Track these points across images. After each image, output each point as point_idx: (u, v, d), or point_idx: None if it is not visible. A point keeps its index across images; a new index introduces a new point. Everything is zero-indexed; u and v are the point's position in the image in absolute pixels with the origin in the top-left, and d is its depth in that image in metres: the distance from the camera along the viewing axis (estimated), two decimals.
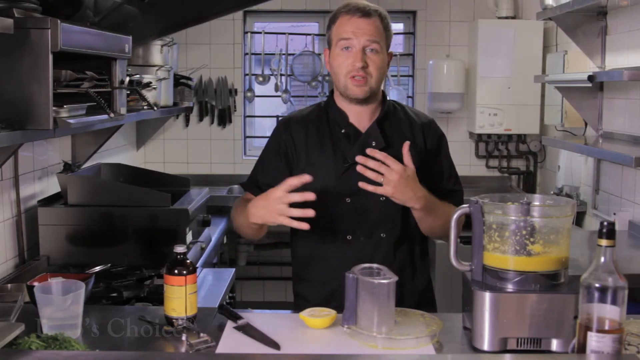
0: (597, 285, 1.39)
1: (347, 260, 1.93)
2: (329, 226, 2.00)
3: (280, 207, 1.80)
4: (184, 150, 4.69)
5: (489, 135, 4.49)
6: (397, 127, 2.04)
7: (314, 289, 2.06)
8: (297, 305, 2.09)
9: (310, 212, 1.78)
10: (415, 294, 2.04)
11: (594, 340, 1.40)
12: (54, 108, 1.94)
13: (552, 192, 3.86)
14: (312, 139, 2.03)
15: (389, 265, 1.76)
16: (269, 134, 2.15)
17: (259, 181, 2.08)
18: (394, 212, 2.00)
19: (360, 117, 2.03)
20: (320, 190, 1.89)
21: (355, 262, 1.76)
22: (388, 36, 2.00)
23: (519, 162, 4.62)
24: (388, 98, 2.12)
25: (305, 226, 1.78)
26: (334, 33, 1.99)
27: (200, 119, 4.66)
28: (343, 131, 2.02)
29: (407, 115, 2.09)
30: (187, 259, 1.74)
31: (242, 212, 1.98)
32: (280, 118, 2.18)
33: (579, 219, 3.56)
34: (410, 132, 2.04)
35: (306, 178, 1.81)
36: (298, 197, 1.79)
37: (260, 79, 4.70)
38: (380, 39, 1.95)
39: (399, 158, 1.90)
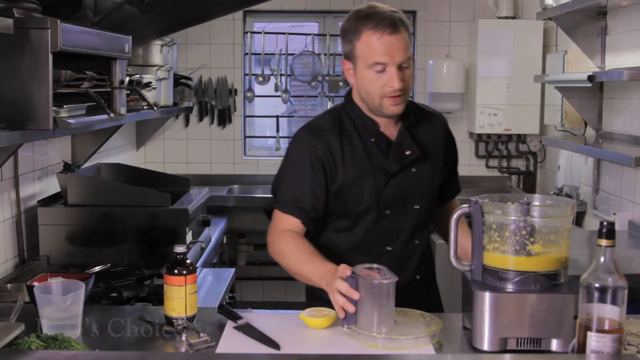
0: (597, 285, 1.39)
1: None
2: (369, 238, 1.93)
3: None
4: (184, 150, 4.68)
5: (489, 135, 4.49)
6: (423, 130, 1.98)
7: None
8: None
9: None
10: (436, 294, 2.07)
11: (594, 340, 1.40)
12: (54, 108, 1.94)
13: (552, 192, 3.85)
14: (346, 150, 1.91)
15: (421, 270, 1.76)
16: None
17: (300, 201, 1.90)
18: (425, 218, 1.99)
19: (387, 123, 1.94)
20: (362, 205, 1.88)
21: (394, 271, 1.73)
22: (411, 41, 1.91)
23: (519, 162, 4.62)
24: None
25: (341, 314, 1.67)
26: (360, 51, 1.84)
27: (200, 119, 4.66)
28: (373, 140, 1.93)
29: (424, 113, 2.03)
30: (187, 259, 1.74)
31: (297, 262, 1.83)
32: (302, 129, 1.98)
33: (579, 219, 3.56)
34: (433, 132, 2.00)
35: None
36: (356, 295, 1.63)
37: (260, 79, 4.70)
38: (410, 52, 1.86)
39: (433, 165, 1.91)
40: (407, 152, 1.92)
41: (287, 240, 1.88)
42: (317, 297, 2.03)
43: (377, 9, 1.84)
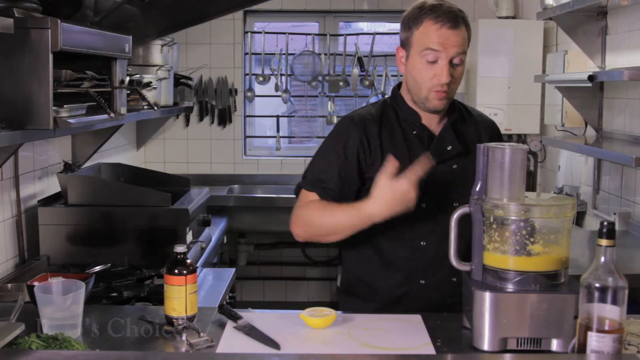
0: (597, 285, 1.39)
1: (419, 266, 1.91)
2: (403, 232, 1.91)
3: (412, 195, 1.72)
4: (184, 150, 4.69)
5: None
6: (466, 128, 1.98)
7: (378, 293, 1.97)
8: (350, 303, 2.04)
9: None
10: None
11: (594, 340, 1.40)
12: (54, 108, 1.94)
13: (552, 192, 3.85)
14: (385, 140, 1.93)
15: (459, 273, 1.74)
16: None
17: (324, 182, 1.93)
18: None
19: (431, 118, 1.95)
20: None
21: (428, 268, 1.75)
22: (470, 41, 1.92)
23: None
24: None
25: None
26: (416, 38, 1.87)
27: (201, 119, 4.66)
28: (414, 132, 1.94)
29: (470, 115, 2.04)
30: (187, 259, 1.74)
31: (330, 214, 1.87)
32: (344, 117, 2.02)
33: (579, 219, 3.56)
34: (476, 133, 1.99)
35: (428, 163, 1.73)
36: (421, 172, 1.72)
37: (261, 78, 4.70)
38: (466, 49, 1.88)
39: (474, 164, 1.80)
40: (449, 148, 1.92)
41: (313, 205, 1.91)
42: (351, 293, 2.04)
43: (443, 4, 1.88)
